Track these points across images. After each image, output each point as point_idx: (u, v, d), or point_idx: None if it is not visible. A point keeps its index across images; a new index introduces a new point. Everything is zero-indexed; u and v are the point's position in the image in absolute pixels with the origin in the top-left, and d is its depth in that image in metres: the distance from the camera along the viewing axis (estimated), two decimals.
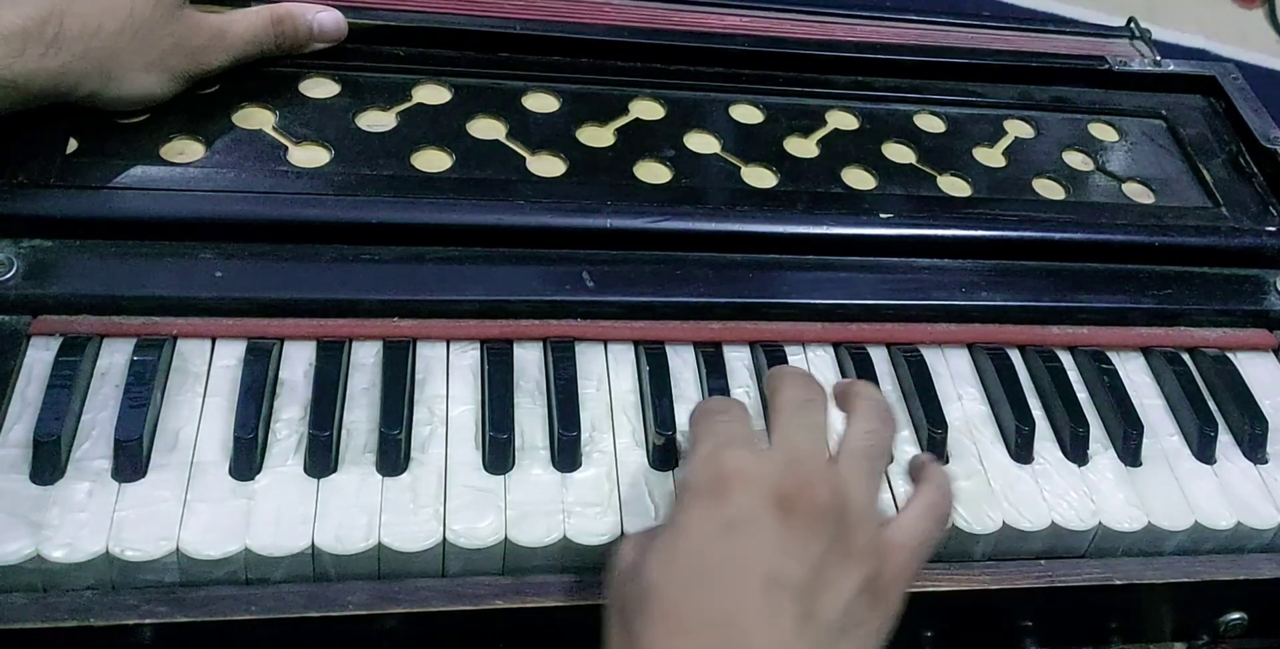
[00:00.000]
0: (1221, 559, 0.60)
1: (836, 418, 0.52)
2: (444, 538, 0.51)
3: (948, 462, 0.59)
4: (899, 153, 0.74)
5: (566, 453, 0.55)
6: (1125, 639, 0.63)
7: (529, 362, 0.59)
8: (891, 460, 0.51)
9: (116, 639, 0.49)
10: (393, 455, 0.54)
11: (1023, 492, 0.58)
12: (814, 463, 0.47)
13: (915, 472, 0.53)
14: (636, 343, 0.61)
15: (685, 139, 0.71)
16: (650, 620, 0.42)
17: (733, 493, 0.45)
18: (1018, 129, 0.78)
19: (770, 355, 0.61)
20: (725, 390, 0.59)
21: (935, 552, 0.56)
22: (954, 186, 0.72)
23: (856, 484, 0.48)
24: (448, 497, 0.53)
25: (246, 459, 0.52)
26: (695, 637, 0.42)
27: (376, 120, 0.67)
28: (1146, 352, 0.67)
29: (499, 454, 0.54)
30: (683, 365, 0.61)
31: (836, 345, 0.64)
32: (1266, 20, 1.47)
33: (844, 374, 0.62)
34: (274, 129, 0.65)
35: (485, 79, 0.72)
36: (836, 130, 0.74)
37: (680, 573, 0.43)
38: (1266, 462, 0.63)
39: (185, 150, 0.63)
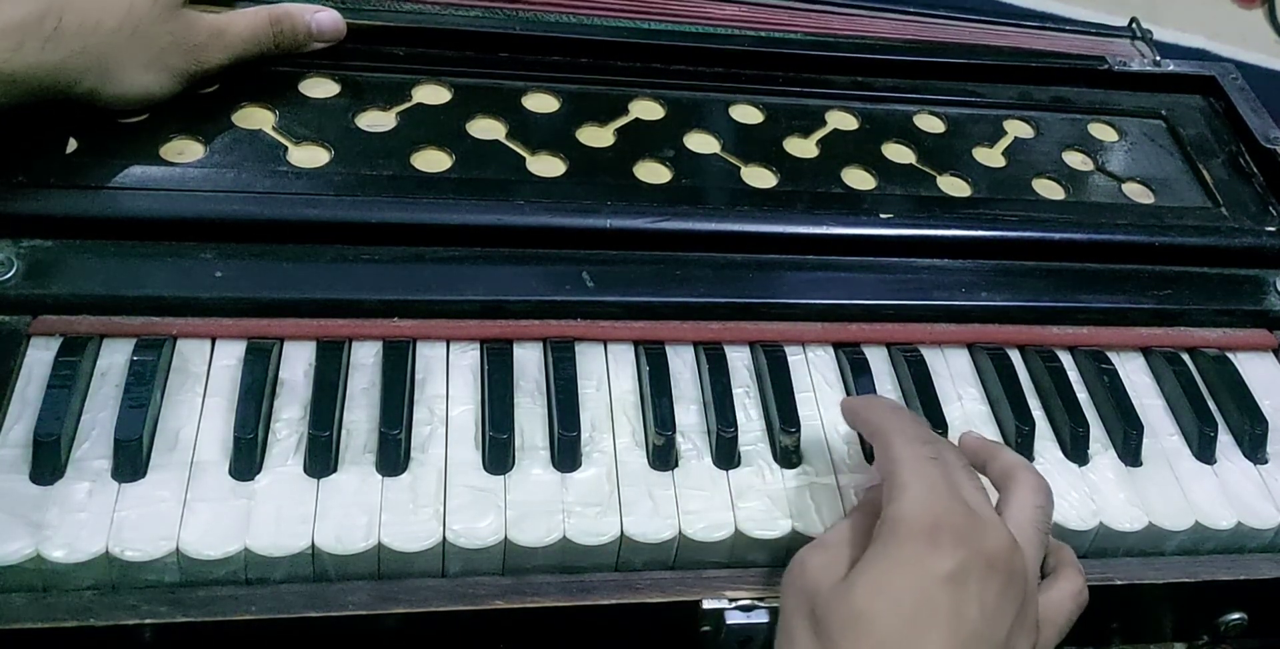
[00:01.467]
0: (1222, 559, 0.60)
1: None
2: (444, 538, 0.51)
3: None
4: (899, 153, 0.74)
5: (566, 453, 0.55)
6: (1125, 639, 0.63)
7: (529, 362, 0.59)
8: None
9: (117, 639, 0.49)
10: (393, 455, 0.54)
11: None
12: (1005, 530, 0.49)
13: (1051, 549, 0.54)
14: (636, 343, 0.61)
15: (685, 139, 0.71)
16: (857, 645, 0.45)
17: (946, 545, 0.46)
18: (1018, 129, 0.78)
19: (770, 355, 0.61)
20: (726, 390, 0.59)
21: None
22: (954, 186, 0.72)
23: (1031, 557, 0.50)
24: (448, 496, 0.53)
25: (246, 459, 0.52)
26: None
27: (376, 120, 0.67)
28: (1146, 352, 0.67)
29: (499, 454, 0.54)
30: (683, 365, 0.61)
31: (836, 345, 0.64)
32: (1266, 20, 1.47)
33: (844, 374, 0.62)
34: (274, 129, 0.65)
35: (485, 79, 0.72)
36: (836, 130, 0.74)
37: (896, 609, 0.45)
38: (1266, 462, 0.63)
39: (185, 150, 0.63)
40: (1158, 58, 0.85)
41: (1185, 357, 0.67)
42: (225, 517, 0.51)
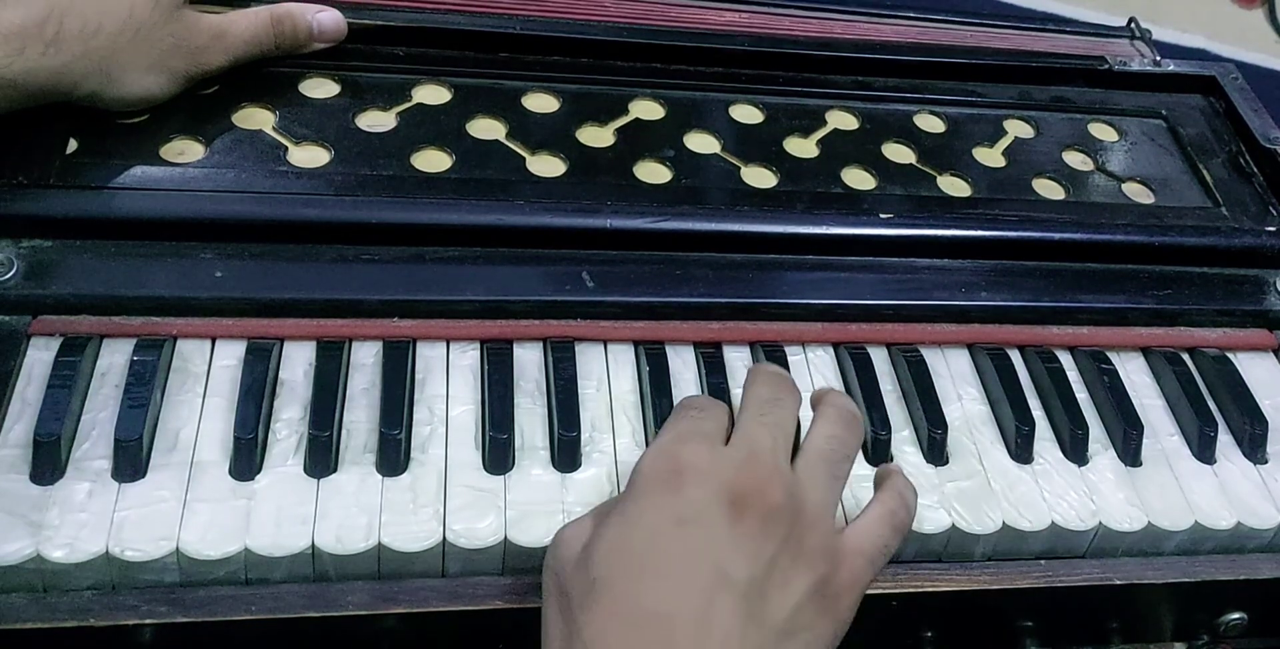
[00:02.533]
0: (1221, 559, 0.60)
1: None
2: (444, 538, 0.51)
3: (948, 462, 0.59)
4: (899, 153, 0.74)
5: (566, 453, 0.55)
6: (1125, 639, 0.63)
7: (529, 362, 0.59)
8: (853, 465, 0.51)
9: (116, 639, 0.49)
10: (393, 455, 0.54)
11: (1023, 492, 0.58)
12: (771, 462, 0.47)
13: (878, 479, 0.53)
14: (636, 343, 0.61)
15: (685, 139, 0.71)
16: (595, 612, 0.42)
17: (685, 487, 0.45)
18: (1018, 129, 0.78)
19: (770, 355, 0.61)
20: (725, 390, 0.59)
21: (934, 554, 0.56)
22: (954, 186, 0.72)
23: (813, 487, 0.47)
24: (448, 497, 0.53)
25: (246, 459, 0.52)
26: (639, 631, 0.42)
27: (376, 120, 0.67)
28: (1146, 352, 0.67)
29: (499, 454, 0.54)
30: (683, 365, 0.61)
31: (836, 345, 0.64)
32: (1266, 20, 1.47)
33: (844, 374, 0.62)
34: (274, 129, 0.65)
35: (485, 79, 0.72)
36: (836, 130, 0.74)
37: (628, 565, 0.43)
38: (1266, 462, 0.63)
39: (185, 150, 0.63)
40: (1158, 58, 0.85)
41: (1185, 357, 0.67)
42: (225, 517, 0.51)
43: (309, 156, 0.64)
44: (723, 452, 0.47)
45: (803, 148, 0.72)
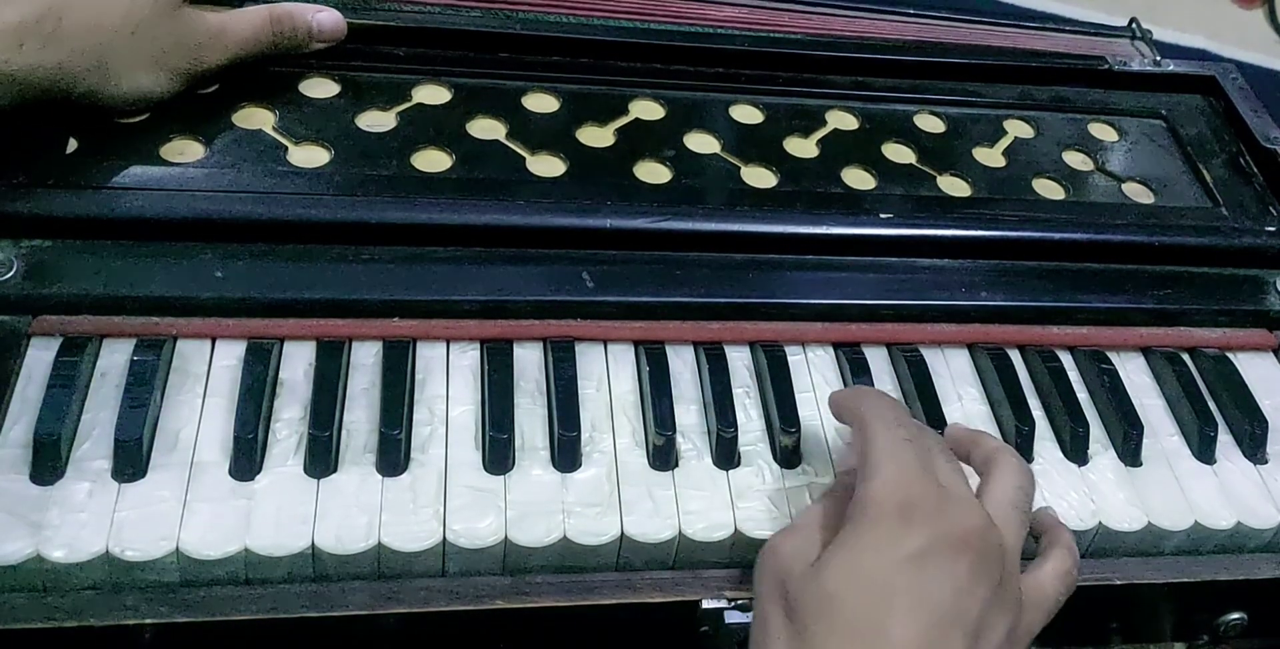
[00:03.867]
0: (1221, 559, 0.60)
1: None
2: (444, 538, 0.51)
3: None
4: (899, 153, 0.74)
5: (566, 453, 0.55)
6: (1125, 639, 0.63)
7: (529, 362, 0.59)
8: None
9: (117, 639, 0.49)
10: (393, 455, 0.54)
11: None
12: (979, 510, 0.49)
13: (1044, 530, 0.54)
14: (636, 343, 0.61)
15: (685, 139, 0.71)
16: (830, 628, 0.45)
17: (915, 523, 0.46)
18: (1018, 129, 0.78)
19: (770, 355, 0.61)
20: (725, 390, 0.59)
21: None
22: (954, 186, 0.72)
23: (1010, 535, 0.50)
24: (448, 497, 0.53)
25: (246, 459, 0.52)
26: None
27: (376, 120, 0.67)
28: (1146, 352, 0.67)
29: (499, 454, 0.54)
30: (683, 365, 0.61)
31: (836, 345, 0.64)
32: (1266, 20, 1.47)
33: (844, 374, 0.62)
34: (274, 129, 0.65)
35: (485, 79, 0.72)
36: (836, 130, 0.74)
37: (865, 591, 0.45)
38: (1266, 462, 0.63)
39: (185, 150, 0.63)
40: (1158, 58, 0.85)
41: (1185, 356, 0.67)
42: (225, 517, 0.51)
43: (309, 156, 0.64)
44: (948, 493, 0.49)
45: (803, 148, 0.72)
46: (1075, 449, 0.61)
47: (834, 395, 0.57)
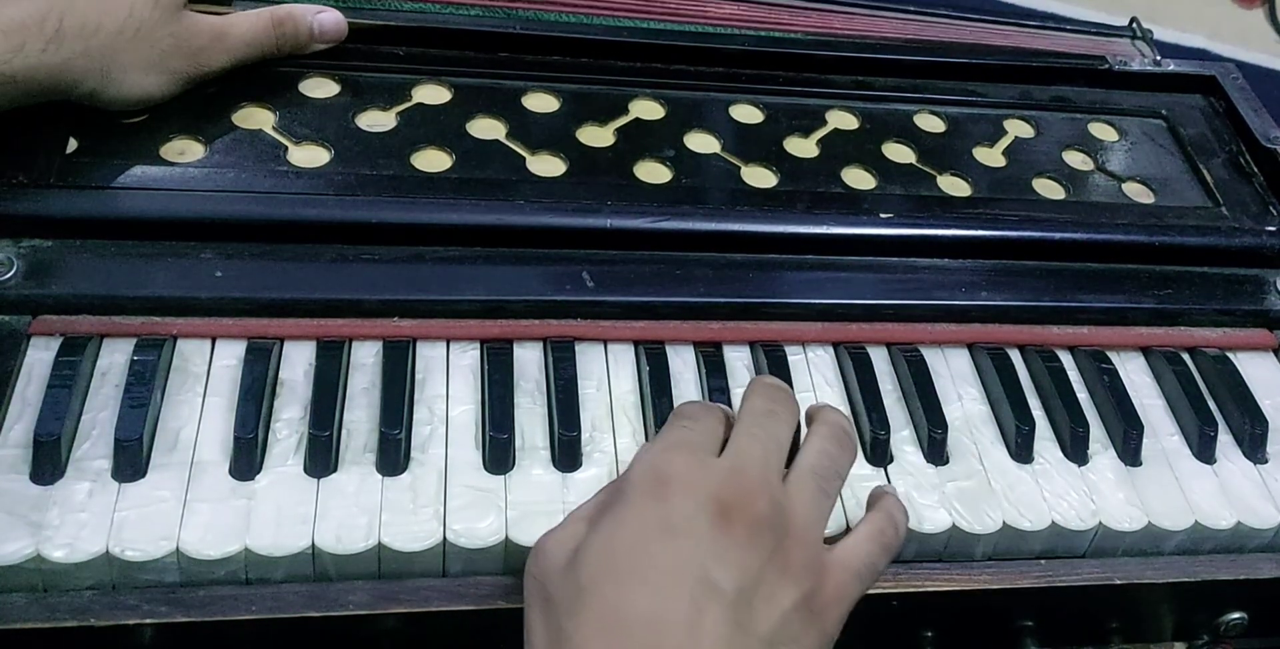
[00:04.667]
0: (1221, 559, 0.60)
1: None
2: (444, 538, 0.51)
3: (948, 462, 0.59)
4: (899, 152, 0.74)
5: (567, 453, 0.55)
6: (1125, 639, 0.63)
7: (529, 362, 0.59)
8: (844, 482, 0.52)
9: (117, 639, 0.49)
10: (393, 455, 0.54)
11: (1023, 492, 0.58)
12: (760, 474, 0.47)
13: (871, 500, 0.54)
14: (636, 343, 0.61)
15: (685, 139, 0.71)
16: (583, 619, 0.42)
17: (672, 496, 0.45)
18: (1018, 129, 0.78)
19: (770, 355, 0.61)
20: (725, 390, 0.59)
21: (935, 554, 0.56)
22: (954, 186, 0.72)
23: (802, 501, 0.48)
24: (448, 496, 0.53)
25: (246, 459, 0.52)
26: (627, 638, 0.42)
27: (376, 120, 0.67)
28: (1146, 351, 0.67)
29: (499, 454, 0.54)
30: (683, 365, 0.61)
31: (836, 345, 0.64)
32: (1266, 20, 1.47)
33: (844, 374, 0.62)
34: (274, 129, 0.65)
35: (485, 79, 0.72)
36: (836, 130, 0.74)
37: (616, 572, 0.43)
38: (1266, 461, 0.63)
39: (185, 150, 0.63)
40: (1158, 57, 0.85)
41: (1185, 356, 0.67)
42: (225, 516, 0.51)
43: (309, 156, 0.64)
44: (711, 462, 0.47)
45: (803, 147, 0.72)
46: (1075, 449, 0.61)
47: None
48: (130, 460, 0.51)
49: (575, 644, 0.42)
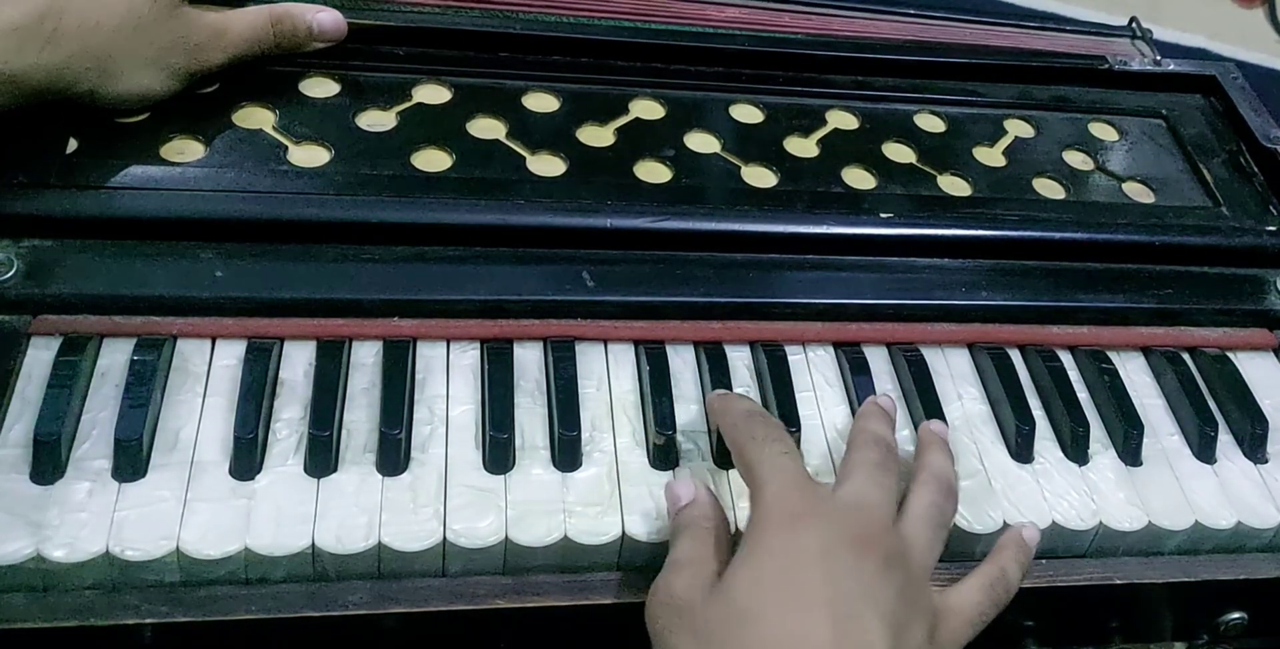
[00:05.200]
0: (1222, 559, 0.60)
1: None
2: (444, 538, 0.51)
3: None
4: (899, 152, 0.74)
5: (567, 453, 0.55)
6: (1125, 639, 0.63)
7: (529, 361, 0.59)
8: (948, 533, 0.53)
9: (117, 639, 0.49)
10: (393, 455, 0.53)
11: (1023, 491, 0.58)
12: (882, 513, 0.50)
13: (998, 547, 0.54)
14: (637, 342, 0.61)
15: (685, 139, 0.71)
16: (747, 641, 0.44)
17: (807, 529, 0.47)
18: (1018, 128, 0.78)
19: (770, 355, 0.61)
20: (726, 390, 0.59)
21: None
22: (954, 186, 0.72)
23: (918, 546, 0.50)
24: (448, 496, 0.53)
25: (246, 459, 0.52)
26: None
27: (376, 120, 0.67)
28: (1147, 351, 0.67)
29: (499, 454, 0.54)
30: (683, 365, 0.61)
31: (837, 345, 0.64)
32: (1266, 20, 1.47)
33: (844, 374, 0.62)
34: (274, 128, 0.65)
35: (485, 79, 0.72)
36: (836, 130, 0.74)
37: (775, 596, 0.45)
38: (1267, 461, 0.63)
39: (185, 150, 0.63)
40: (1158, 57, 0.85)
41: (1185, 356, 0.67)
42: (225, 516, 0.51)
43: (309, 156, 0.64)
44: (836, 502, 0.49)
45: (803, 147, 0.72)
46: (1075, 449, 0.61)
47: (711, 399, 0.57)
48: (130, 460, 0.51)
49: None
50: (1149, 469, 0.61)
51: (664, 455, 0.56)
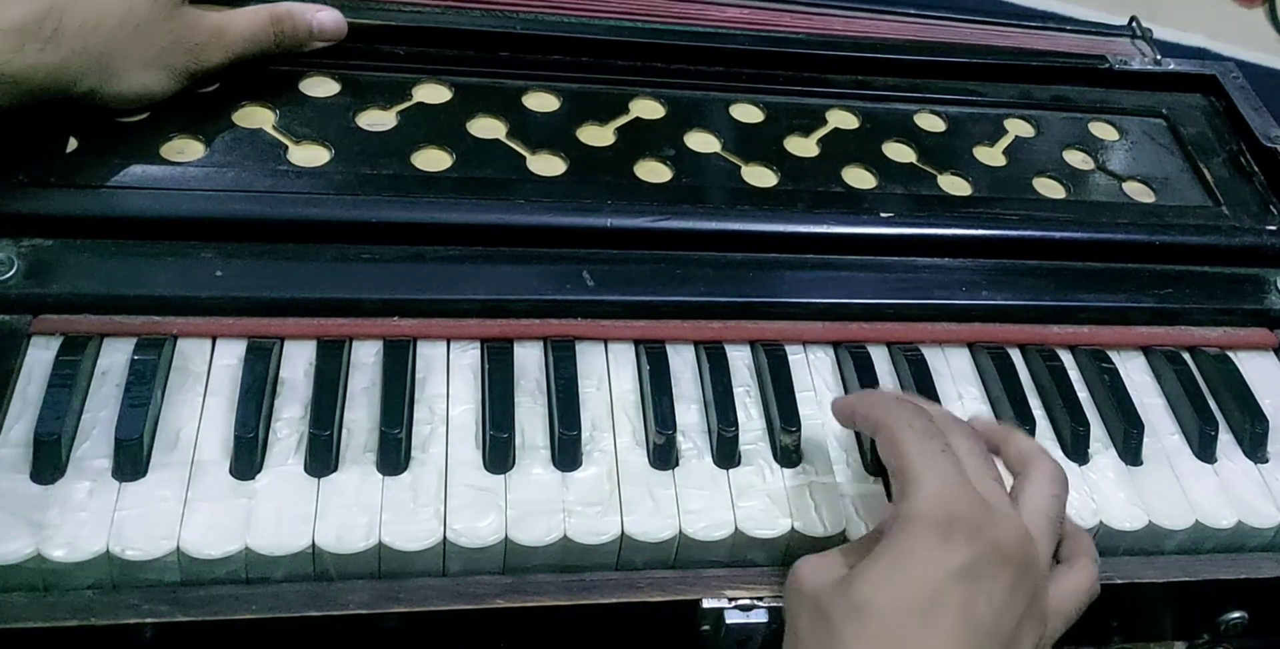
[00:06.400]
0: (1222, 558, 0.60)
1: None
2: (444, 537, 0.51)
3: None
4: (899, 152, 0.74)
5: (567, 452, 0.55)
6: (1125, 638, 0.63)
7: (529, 361, 0.59)
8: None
9: (117, 638, 0.49)
10: (393, 455, 0.54)
11: None
12: (1022, 523, 0.49)
13: (1066, 535, 0.54)
14: (637, 342, 0.61)
15: (685, 138, 0.71)
16: (864, 635, 0.44)
17: (959, 539, 0.46)
18: (1018, 128, 0.78)
19: (771, 355, 0.61)
20: (726, 390, 0.59)
21: None
22: (954, 185, 0.72)
23: (1043, 545, 0.50)
24: (448, 496, 0.53)
25: (247, 458, 0.52)
26: None
27: (377, 119, 0.67)
28: (1147, 351, 0.67)
29: (499, 453, 0.54)
30: (683, 365, 0.61)
31: (837, 344, 0.64)
32: (1267, 20, 1.47)
33: (844, 374, 0.62)
34: (274, 128, 0.65)
35: (485, 78, 0.72)
36: (837, 129, 0.74)
37: (903, 601, 0.45)
38: (1267, 461, 0.63)
39: (185, 149, 0.63)
40: (1158, 57, 0.85)
41: (1186, 356, 0.67)
42: (226, 516, 0.51)
43: (309, 155, 0.64)
44: (990, 505, 0.48)
45: (803, 147, 0.72)
46: (1076, 448, 0.61)
47: (843, 401, 0.56)
48: (131, 460, 0.51)
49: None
50: (1149, 469, 0.61)
51: (664, 455, 0.56)
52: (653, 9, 0.80)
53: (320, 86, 0.69)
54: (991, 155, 0.75)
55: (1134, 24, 0.90)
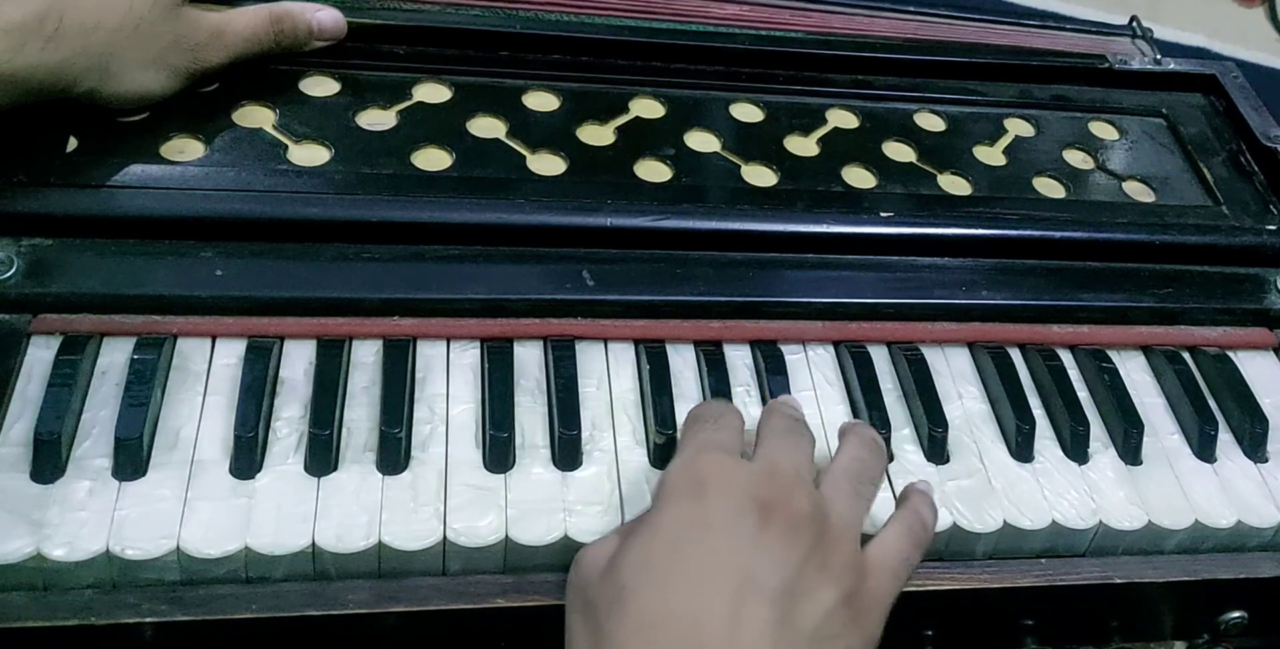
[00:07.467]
0: (1222, 558, 0.60)
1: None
2: (444, 536, 0.51)
3: (948, 461, 0.59)
4: (899, 151, 0.74)
5: (567, 451, 0.55)
6: (1125, 638, 0.63)
7: (529, 360, 0.59)
8: (878, 489, 0.53)
9: (117, 638, 0.49)
10: (393, 454, 0.54)
11: (1023, 490, 0.58)
12: (795, 474, 0.48)
13: (901, 498, 0.54)
14: (637, 342, 0.61)
15: (685, 137, 0.71)
16: (623, 619, 0.43)
17: (709, 495, 0.45)
18: (1018, 127, 0.78)
19: (770, 354, 0.61)
20: (726, 389, 0.59)
21: (935, 553, 0.56)
22: (954, 185, 0.72)
23: (838, 502, 0.49)
24: (448, 495, 0.53)
25: (247, 458, 0.52)
26: (666, 635, 0.42)
27: (376, 119, 0.67)
28: (1147, 350, 0.67)
29: (499, 453, 0.54)
30: (683, 364, 0.61)
31: (837, 344, 0.64)
32: (1267, 19, 1.47)
33: (844, 373, 0.62)
34: (274, 127, 0.65)
35: (485, 77, 0.72)
36: (837, 129, 0.74)
37: (654, 571, 0.44)
38: (1267, 460, 0.63)
39: (185, 149, 0.63)
40: (1158, 56, 0.85)
41: (1185, 355, 0.67)
42: (226, 515, 0.51)
43: (309, 155, 0.64)
44: (745, 464, 0.48)
45: (803, 146, 0.72)
46: (1075, 448, 0.61)
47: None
48: (130, 459, 0.51)
49: (616, 644, 0.42)
50: (1149, 468, 0.61)
51: (664, 454, 0.56)
52: (652, 7, 0.80)
53: (320, 86, 0.69)
54: (991, 155, 0.75)
55: (1134, 23, 0.90)
